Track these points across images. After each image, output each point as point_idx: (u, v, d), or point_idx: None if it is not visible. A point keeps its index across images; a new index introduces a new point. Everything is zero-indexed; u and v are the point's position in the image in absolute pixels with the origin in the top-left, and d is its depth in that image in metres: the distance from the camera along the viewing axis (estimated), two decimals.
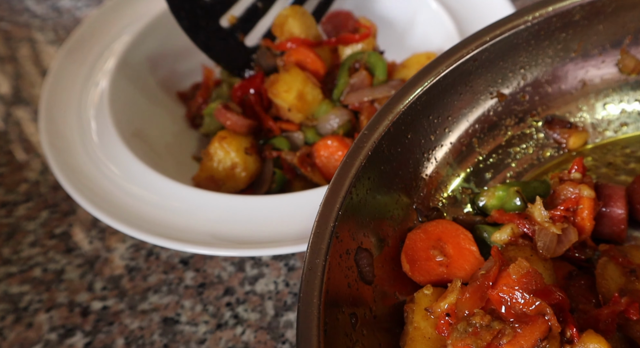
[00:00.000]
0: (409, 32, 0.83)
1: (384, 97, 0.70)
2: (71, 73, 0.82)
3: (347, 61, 0.74)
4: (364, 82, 0.71)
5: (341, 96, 0.72)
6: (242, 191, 0.72)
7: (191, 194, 0.66)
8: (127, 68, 0.81)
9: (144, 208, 0.65)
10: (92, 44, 0.85)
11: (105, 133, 0.74)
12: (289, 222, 0.62)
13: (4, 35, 1.17)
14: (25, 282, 0.70)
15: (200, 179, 0.71)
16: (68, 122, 0.76)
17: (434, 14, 0.79)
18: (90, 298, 0.68)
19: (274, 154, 0.71)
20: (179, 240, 0.61)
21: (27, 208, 0.80)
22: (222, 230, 0.62)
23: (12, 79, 1.05)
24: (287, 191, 0.71)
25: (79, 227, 0.76)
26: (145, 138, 0.76)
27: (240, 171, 0.69)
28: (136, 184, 0.68)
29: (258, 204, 0.64)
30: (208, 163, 0.70)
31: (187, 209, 0.65)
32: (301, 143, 0.72)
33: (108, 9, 0.89)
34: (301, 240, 0.59)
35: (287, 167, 0.71)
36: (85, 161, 0.71)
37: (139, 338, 0.63)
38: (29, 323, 0.66)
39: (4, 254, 0.74)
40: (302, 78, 0.70)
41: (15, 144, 0.91)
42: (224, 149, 0.69)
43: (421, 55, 0.75)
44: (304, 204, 0.63)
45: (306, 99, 0.70)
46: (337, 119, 0.70)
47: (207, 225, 0.63)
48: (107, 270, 0.70)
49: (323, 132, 0.71)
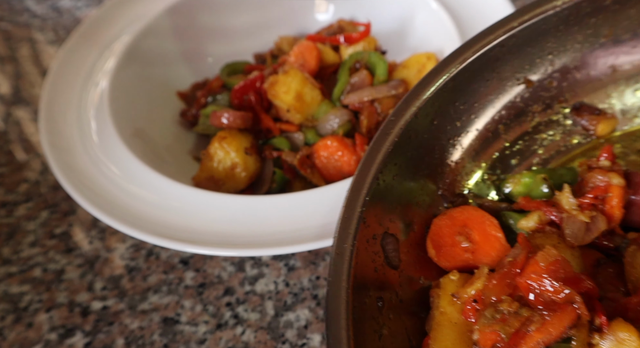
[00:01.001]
0: (409, 32, 0.83)
1: (384, 97, 0.70)
2: (71, 73, 0.82)
3: (348, 61, 0.74)
4: (365, 82, 0.71)
5: (341, 95, 0.72)
6: (242, 191, 0.72)
7: (191, 194, 0.66)
8: (127, 68, 0.81)
9: (144, 208, 0.65)
10: (92, 43, 0.85)
11: (105, 132, 0.73)
12: (289, 222, 0.62)
13: (4, 35, 1.17)
14: (25, 282, 0.70)
15: (200, 179, 0.71)
16: (68, 122, 0.76)
17: (433, 14, 0.79)
18: (90, 298, 0.68)
19: (274, 155, 0.71)
20: (179, 240, 0.61)
21: (27, 208, 0.80)
22: (222, 229, 0.62)
23: (12, 79, 1.05)
24: (288, 191, 0.71)
25: (79, 227, 0.76)
26: (145, 137, 0.76)
27: (240, 171, 0.69)
28: (136, 184, 0.68)
29: (258, 204, 0.64)
30: (208, 163, 0.70)
31: (187, 209, 0.65)
32: (301, 143, 0.72)
33: (108, 9, 0.89)
34: (301, 240, 0.59)
35: (288, 167, 0.70)
36: (85, 160, 0.71)
37: (139, 338, 0.63)
38: (29, 323, 0.66)
39: (4, 254, 0.74)
40: (300, 79, 0.70)
41: (15, 144, 0.91)
42: (224, 149, 0.69)
43: (421, 55, 0.75)
44: (303, 204, 0.62)
45: (305, 100, 0.70)
46: (337, 120, 0.70)
47: (207, 224, 0.63)
48: (107, 270, 0.70)
49: (323, 132, 0.71)
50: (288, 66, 0.72)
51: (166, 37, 0.86)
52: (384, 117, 0.70)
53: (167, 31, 0.84)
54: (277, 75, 0.71)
